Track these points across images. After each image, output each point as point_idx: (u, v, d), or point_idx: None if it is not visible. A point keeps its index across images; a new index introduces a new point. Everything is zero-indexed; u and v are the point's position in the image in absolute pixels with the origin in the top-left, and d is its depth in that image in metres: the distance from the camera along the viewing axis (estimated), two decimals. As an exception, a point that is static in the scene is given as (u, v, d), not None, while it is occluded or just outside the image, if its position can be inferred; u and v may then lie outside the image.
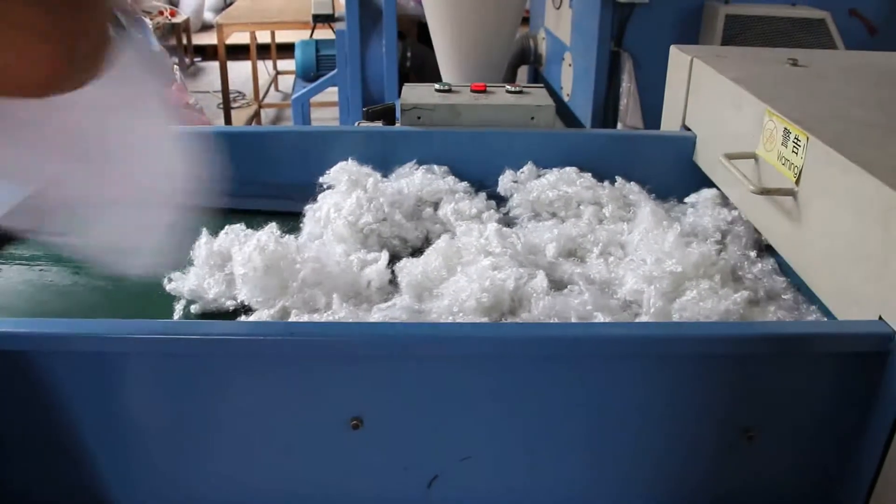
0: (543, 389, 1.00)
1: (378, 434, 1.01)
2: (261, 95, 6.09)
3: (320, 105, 4.96)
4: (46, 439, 1.01)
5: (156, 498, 1.06)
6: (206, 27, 7.71)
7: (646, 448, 1.04)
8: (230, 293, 1.21)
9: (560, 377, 1.00)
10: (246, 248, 1.20)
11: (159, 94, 0.88)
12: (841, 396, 1.00)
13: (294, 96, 4.17)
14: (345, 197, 1.39)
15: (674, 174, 1.55)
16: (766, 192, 1.20)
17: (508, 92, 1.67)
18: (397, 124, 1.69)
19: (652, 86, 2.11)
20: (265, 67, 6.61)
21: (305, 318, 1.15)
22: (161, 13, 6.58)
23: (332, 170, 1.48)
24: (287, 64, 6.37)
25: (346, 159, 1.51)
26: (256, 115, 5.81)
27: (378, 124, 1.74)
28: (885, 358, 0.95)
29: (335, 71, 3.68)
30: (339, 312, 1.14)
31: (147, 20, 4.26)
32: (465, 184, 1.53)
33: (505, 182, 1.54)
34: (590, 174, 1.52)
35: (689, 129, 1.62)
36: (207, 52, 7.47)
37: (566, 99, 3.08)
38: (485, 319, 1.12)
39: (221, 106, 5.46)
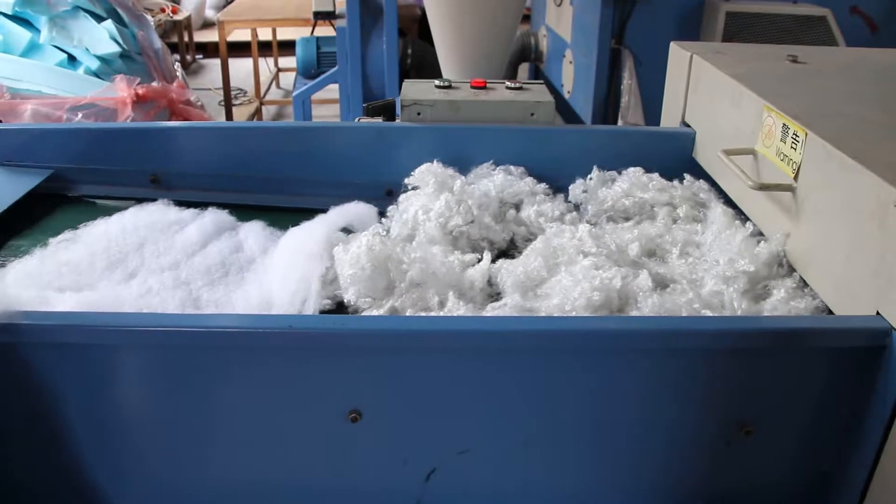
0: (541, 383, 1.00)
1: (377, 427, 1.01)
2: (262, 92, 6.09)
3: (321, 102, 4.96)
4: (42, 431, 1.01)
5: (155, 488, 1.06)
6: (207, 24, 7.72)
7: (642, 441, 1.05)
8: (328, 292, 1.21)
9: (557, 372, 1.00)
10: (353, 249, 1.20)
11: None
12: (838, 391, 1.01)
13: (295, 93, 4.17)
14: (432, 199, 1.39)
15: (673, 170, 1.55)
16: (764, 187, 1.20)
17: (508, 88, 1.67)
18: (397, 120, 1.69)
19: (653, 83, 2.11)
20: (266, 64, 6.60)
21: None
22: (163, 10, 6.58)
23: (417, 171, 1.48)
24: (288, 61, 6.37)
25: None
26: (258, 112, 5.81)
27: (378, 120, 1.74)
28: (881, 353, 0.95)
29: (336, 68, 3.69)
30: (458, 311, 1.14)
31: (149, 17, 4.26)
32: (543, 185, 1.53)
33: (576, 190, 1.54)
34: (657, 174, 1.52)
35: (688, 126, 1.62)
36: (209, 50, 7.47)
37: (567, 96, 3.08)
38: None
39: (223, 103, 5.47)
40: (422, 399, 1.01)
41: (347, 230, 1.36)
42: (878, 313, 0.95)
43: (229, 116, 5.45)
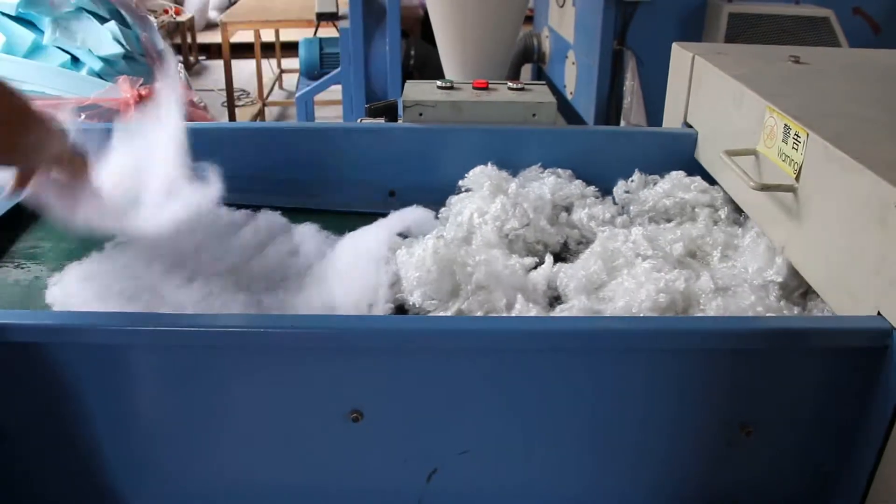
0: (543, 384, 1.01)
1: (378, 427, 1.01)
2: (265, 94, 6.10)
3: (324, 103, 4.97)
4: (52, 431, 1.02)
5: (157, 488, 1.07)
6: (210, 25, 7.74)
7: (643, 442, 1.05)
8: (389, 295, 1.20)
9: (559, 372, 1.00)
10: (418, 252, 1.20)
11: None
12: (839, 392, 1.01)
13: (298, 94, 4.18)
14: (487, 202, 1.40)
15: (675, 171, 1.55)
16: (766, 188, 1.20)
17: (510, 89, 1.67)
18: (399, 121, 1.69)
19: (655, 84, 2.11)
20: (269, 66, 6.61)
21: None
22: (166, 11, 6.59)
23: (471, 173, 1.48)
24: (291, 62, 6.39)
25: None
26: (260, 114, 5.82)
27: (380, 121, 1.74)
28: (882, 353, 0.95)
29: (339, 69, 3.69)
30: (527, 313, 1.14)
31: (152, 18, 4.28)
32: (593, 188, 1.53)
33: (619, 191, 1.54)
34: (699, 177, 1.51)
35: (690, 126, 1.62)
36: (212, 51, 7.49)
37: (569, 97, 3.09)
38: None
39: (226, 104, 5.48)
40: (423, 399, 1.01)
41: (404, 235, 1.36)
42: (879, 314, 0.95)
43: (232, 118, 5.46)
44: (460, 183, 1.48)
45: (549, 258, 1.30)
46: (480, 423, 1.03)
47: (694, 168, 1.55)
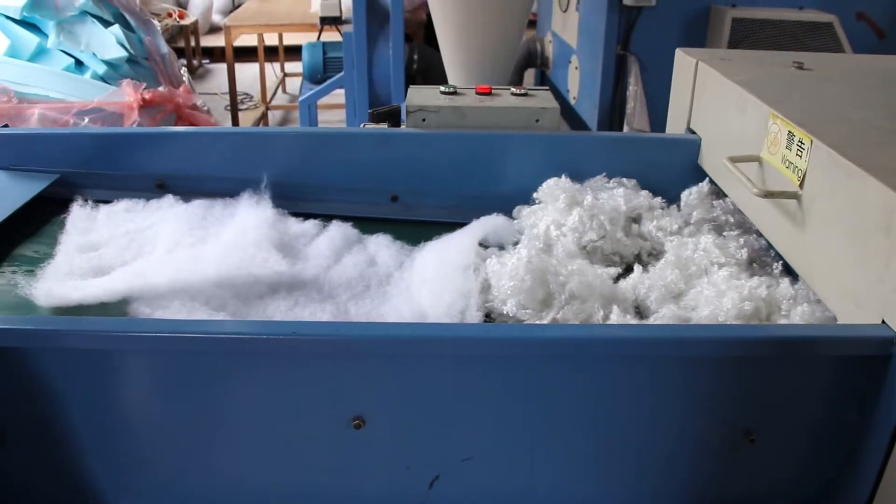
0: (546, 391, 1.00)
1: (380, 434, 1.01)
2: (268, 97, 6.10)
3: (327, 107, 4.97)
4: (45, 436, 1.02)
5: (159, 494, 1.06)
6: (214, 29, 7.74)
7: (647, 448, 1.04)
8: (480, 302, 1.21)
9: (562, 379, 1.00)
10: (512, 261, 1.21)
11: None
12: (842, 400, 1.00)
13: (301, 98, 4.18)
14: (563, 214, 1.41)
15: (678, 177, 1.55)
16: (769, 195, 1.20)
17: (513, 94, 1.67)
18: (402, 126, 1.69)
19: (659, 89, 2.11)
20: (273, 69, 6.61)
21: None
22: (170, 15, 6.61)
23: (545, 185, 1.50)
24: (294, 66, 6.39)
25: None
26: (264, 117, 5.82)
27: (383, 126, 1.74)
28: (886, 361, 0.94)
29: (342, 73, 3.69)
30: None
31: (156, 22, 4.29)
32: (659, 199, 1.53)
33: (686, 197, 1.53)
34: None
35: (693, 132, 1.61)
36: (215, 54, 7.50)
37: (573, 102, 3.09)
38: None
39: (229, 108, 5.49)
40: (425, 406, 1.01)
41: (482, 244, 1.38)
42: (883, 322, 0.95)
43: (235, 121, 5.47)
44: (534, 195, 1.49)
45: (637, 268, 1.31)
46: (483, 429, 1.03)
47: (698, 174, 1.55)
